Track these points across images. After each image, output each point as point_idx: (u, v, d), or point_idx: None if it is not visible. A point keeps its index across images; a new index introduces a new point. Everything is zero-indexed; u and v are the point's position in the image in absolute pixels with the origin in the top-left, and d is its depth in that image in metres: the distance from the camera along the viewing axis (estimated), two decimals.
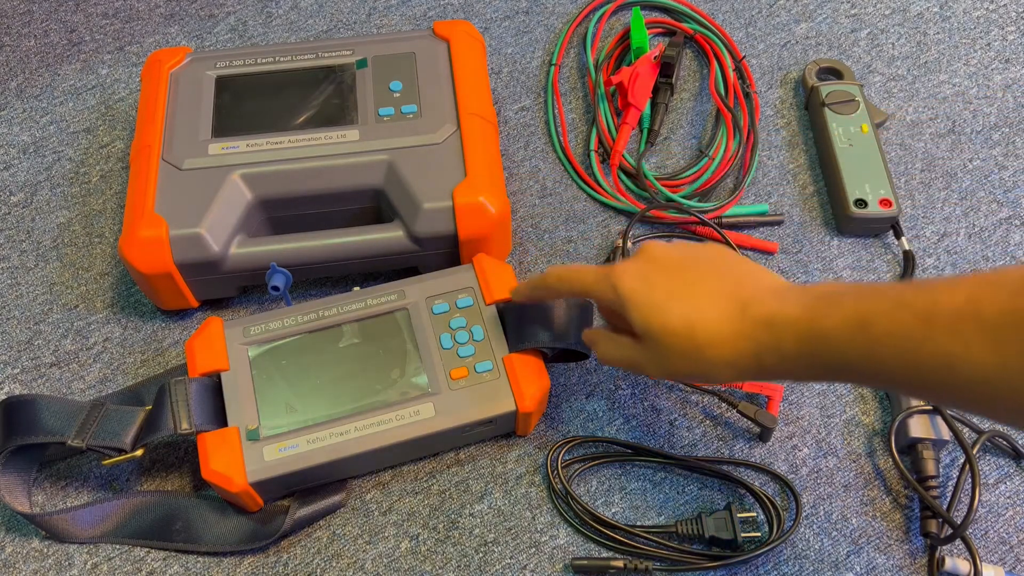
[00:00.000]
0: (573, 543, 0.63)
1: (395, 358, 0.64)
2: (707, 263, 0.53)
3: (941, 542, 0.61)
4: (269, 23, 0.92)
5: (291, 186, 0.69)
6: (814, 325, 0.45)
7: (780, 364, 0.48)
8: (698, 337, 0.50)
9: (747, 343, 0.48)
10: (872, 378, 0.46)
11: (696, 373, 0.52)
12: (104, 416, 0.61)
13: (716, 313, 0.49)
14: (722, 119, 0.82)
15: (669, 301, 0.51)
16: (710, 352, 0.50)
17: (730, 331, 0.49)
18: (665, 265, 0.53)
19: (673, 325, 0.50)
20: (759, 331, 0.48)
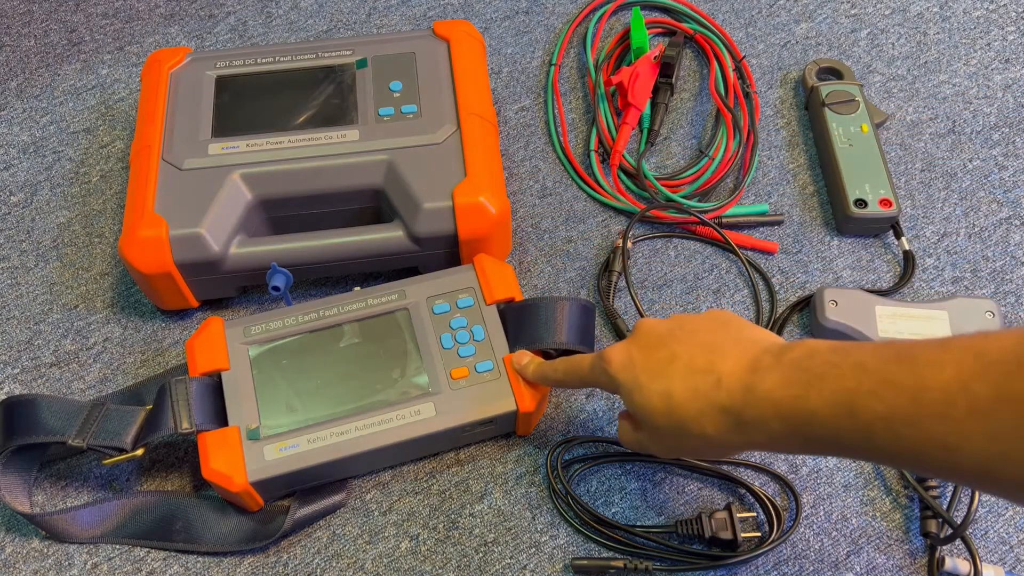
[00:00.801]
0: (573, 543, 0.63)
1: (395, 358, 0.64)
2: (690, 335, 0.51)
3: (941, 542, 0.61)
4: (269, 23, 0.92)
5: (291, 186, 0.69)
6: (798, 405, 0.43)
7: (770, 440, 0.46)
8: (676, 414, 0.48)
9: (728, 419, 0.46)
10: (870, 458, 0.44)
11: (690, 450, 0.51)
12: (104, 416, 0.61)
13: (690, 389, 0.48)
14: (722, 119, 0.82)
15: (649, 380, 0.50)
16: (694, 428, 0.48)
17: (708, 406, 0.47)
18: (648, 342, 0.52)
19: (654, 404, 0.49)
20: (738, 407, 0.46)
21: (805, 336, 0.71)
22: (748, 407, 0.45)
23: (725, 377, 0.47)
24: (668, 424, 0.49)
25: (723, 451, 0.50)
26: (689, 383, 0.48)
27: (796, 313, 0.72)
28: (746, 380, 0.46)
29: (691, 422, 0.48)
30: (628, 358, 0.52)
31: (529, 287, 0.74)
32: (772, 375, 0.45)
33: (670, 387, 0.49)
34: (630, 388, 0.51)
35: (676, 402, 0.48)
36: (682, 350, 0.50)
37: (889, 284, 0.74)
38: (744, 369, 0.46)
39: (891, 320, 0.68)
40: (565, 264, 0.76)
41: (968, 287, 0.73)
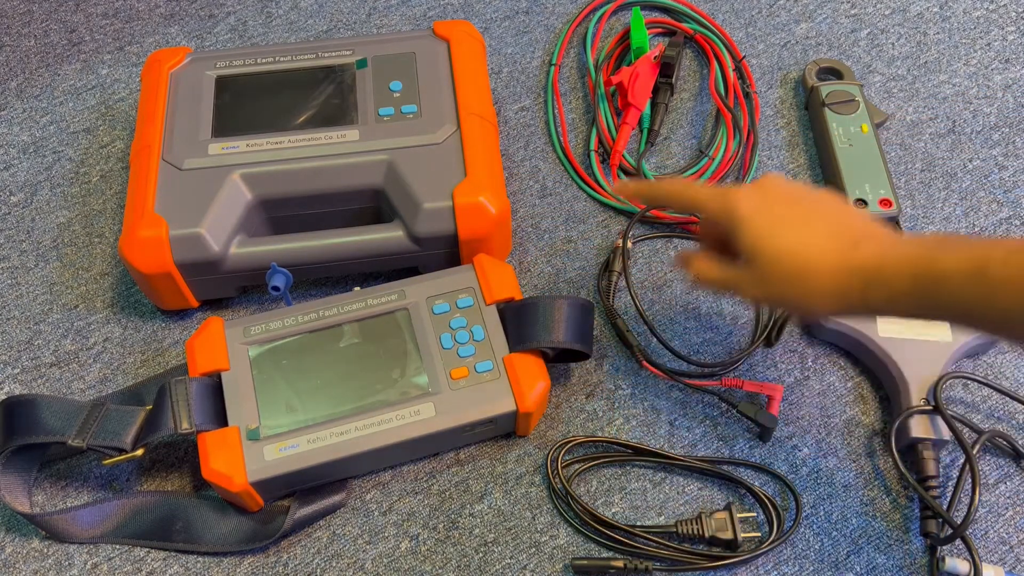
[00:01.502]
0: (573, 543, 0.63)
1: (395, 358, 0.64)
2: (824, 202, 0.55)
3: (941, 542, 0.61)
4: (269, 23, 0.92)
5: (291, 186, 0.69)
6: (932, 265, 0.46)
7: (888, 301, 0.49)
8: (807, 264, 0.51)
9: (853, 278, 0.50)
10: (987, 321, 0.46)
11: (795, 299, 0.53)
12: (104, 416, 0.61)
13: (828, 244, 0.51)
14: (722, 119, 0.82)
15: (783, 227, 0.53)
16: (815, 280, 0.51)
17: (839, 263, 0.51)
18: (783, 195, 0.55)
19: (783, 249, 0.52)
20: (869, 266, 0.49)
21: (805, 336, 0.71)
22: (882, 268, 0.49)
23: (863, 243, 0.51)
24: (789, 270, 0.52)
25: (826, 306, 0.52)
26: (826, 242, 0.52)
27: None
28: (884, 246, 0.50)
29: (817, 275, 0.51)
30: (762, 204, 0.54)
31: (529, 287, 0.74)
32: (909, 244, 0.49)
33: (806, 240, 0.52)
34: (760, 229, 0.53)
35: (812, 254, 0.51)
36: (821, 211, 0.54)
37: None
38: (882, 235, 0.51)
39: (891, 320, 0.68)
40: (565, 264, 0.76)
41: None
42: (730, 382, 0.67)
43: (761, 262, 0.53)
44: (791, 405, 0.68)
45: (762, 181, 0.56)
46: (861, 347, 0.68)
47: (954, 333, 0.67)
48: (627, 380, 0.70)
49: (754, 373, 0.70)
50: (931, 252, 0.47)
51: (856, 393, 0.69)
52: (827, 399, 0.69)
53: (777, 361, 0.70)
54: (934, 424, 0.63)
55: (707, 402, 0.69)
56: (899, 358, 0.66)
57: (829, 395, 0.69)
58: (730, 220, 0.55)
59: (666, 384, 0.70)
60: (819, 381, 0.69)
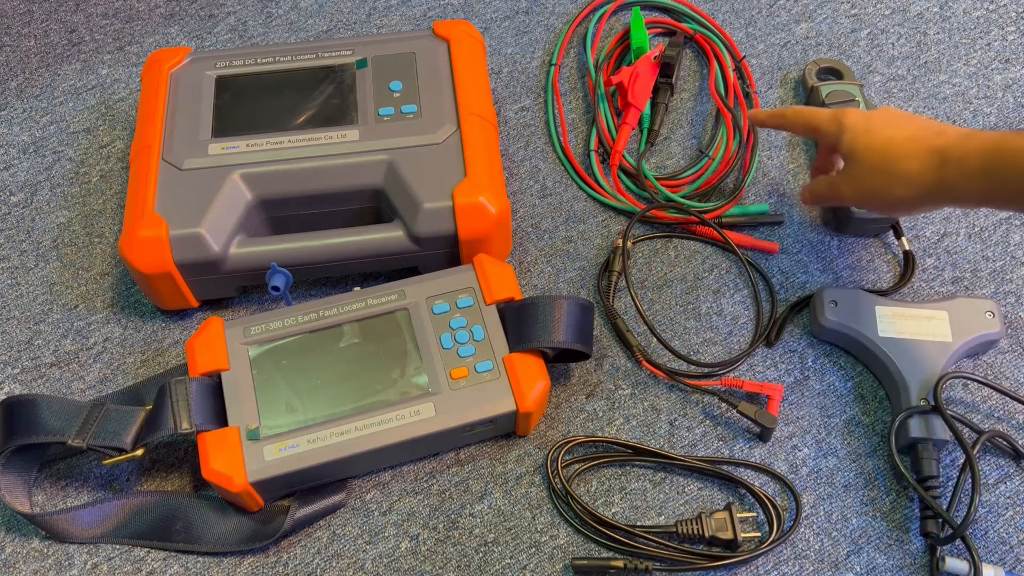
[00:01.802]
0: (573, 543, 0.63)
1: (395, 358, 0.64)
2: (915, 116, 0.63)
3: (941, 542, 0.61)
4: (269, 23, 0.92)
5: (291, 186, 0.69)
6: (1003, 143, 0.53)
7: (961, 177, 0.56)
8: (893, 151, 0.60)
9: (935, 157, 0.57)
10: None
11: (883, 187, 0.61)
12: (104, 416, 0.61)
13: (912, 134, 0.60)
14: (722, 119, 0.82)
15: (877, 128, 0.62)
16: (899, 165, 0.59)
17: (923, 147, 0.58)
18: (888, 111, 0.64)
19: (875, 143, 0.61)
20: (951, 144, 0.57)
21: (805, 336, 0.71)
22: (959, 144, 0.56)
23: (948, 130, 0.59)
24: (879, 160, 0.61)
25: (910, 193, 0.59)
26: (915, 133, 0.60)
27: (796, 313, 0.72)
28: (964, 132, 0.57)
29: (902, 159, 0.59)
30: (865, 116, 0.64)
31: (529, 287, 0.74)
32: (987, 133, 0.56)
33: (895, 134, 0.61)
34: (859, 132, 0.63)
35: (896, 142, 0.60)
36: (911, 117, 0.63)
37: (889, 284, 0.74)
38: (968, 130, 0.58)
39: (891, 320, 0.68)
40: (565, 264, 0.76)
41: (968, 287, 0.73)
42: (730, 382, 0.67)
43: (856, 157, 0.63)
44: (791, 405, 0.68)
45: (876, 109, 0.65)
46: (861, 347, 0.68)
47: (954, 333, 0.67)
48: (627, 380, 0.70)
49: (754, 373, 0.70)
50: (1003, 135, 0.54)
51: (856, 393, 0.69)
52: (827, 399, 0.69)
53: (777, 361, 0.70)
54: (934, 424, 0.63)
55: (707, 402, 0.69)
56: (899, 358, 0.66)
57: (829, 395, 0.69)
58: (839, 130, 0.64)
59: (666, 384, 0.70)
60: (819, 381, 0.69)
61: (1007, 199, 0.55)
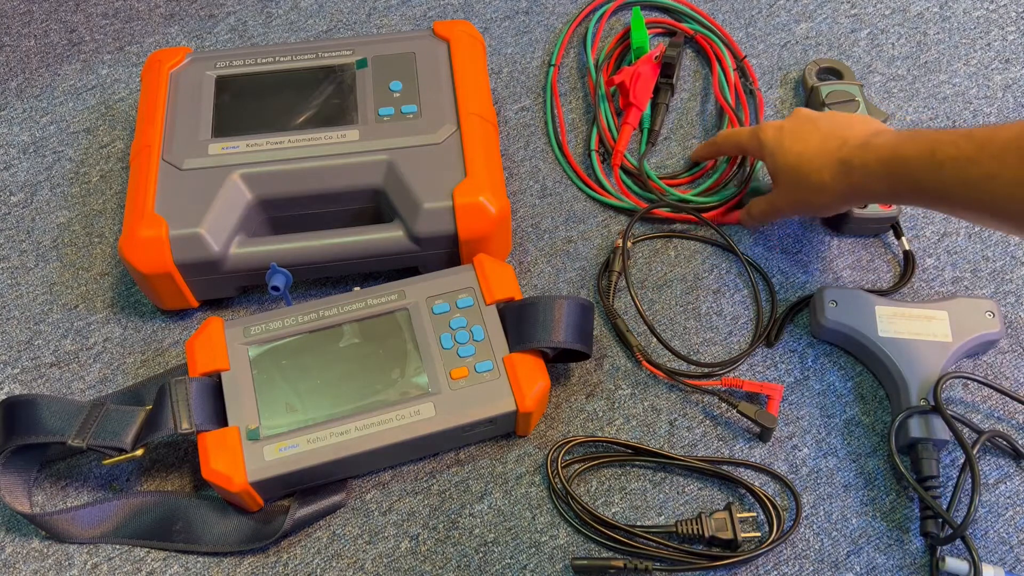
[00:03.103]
0: (573, 543, 0.63)
1: (395, 358, 0.64)
2: (827, 117, 0.67)
3: (941, 542, 0.61)
4: (269, 23, 0.92)
5: (291, 186, 0.69)
6: (896, 151, 0.59)
7: (867, 181, 0.61)
8: (804, 166, 0.64)
9: (841, 167, 0.62)
10: (934, 195, 0.57)
11: (807, 196, 0.66)
12: (104, 416, 0.61)
13: (821, 147, 0.64)
14: (725, 117, 0.82)
15: (791, 143, 0.66)
16: (815, 176, 0.64)
17: (830, 158, 0.63)
18: (798, 120, 0.67)
19: (789, 159, 0.66)
20: (853, 154, 0.61)
21: (805, 336, 0.71)
22: (860, 155, 0.61)
23: (850, 139, 0.63)
24: (796, 175, 0.65)
25: (828, 199, 0.65)
26: (821, 145, 0.64)
27: (796, 313, 0.72)
28: (865, 140, 0.62)
29: (814, 172, 0.64)
30: (779, 128, 0.68)
31: (529, 287, 0.74)
32: (885, 136, 0.61)
33: (806, 148, 0.65)
34: (773, 149, 0.67)
35: (806, 157, 0.65)
36: (823, 124, 0.66)
37: (889, 284, 0.74)
38: (867, 134, 0.62)
39: (891, 320, 0.68)
40: (565, 264, 0.76)
41: (968, 287, 0.73)
42: (730, 382, 0.67)
43: (780, 174, 0.67)
44: (791, 405, 0.68)
45: (792, 114, 0.69)
46: (861, 347, 0.68)
47: (954, 333, 0.67)
48: (627, 380, 0.70)
49: (754, 373, 0.70)
50: (898, 141, 0.59)
51: (856, 393, 0.69)
52: (827, 399, 0.69)
53: (777, 361, 0.70)
54: (934, 424, 0.63)
55: (707, 402, 0.69)
56: (899, 358, 0.66)
57: (829, 395, 0.69)
58: (760, 149, 0.69)
59: (666, 384, 0.70)
60: (819, 381, 0.69)
61: (910, 199, 0.60)
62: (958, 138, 0.55)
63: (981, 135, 0.54)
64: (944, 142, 0.55)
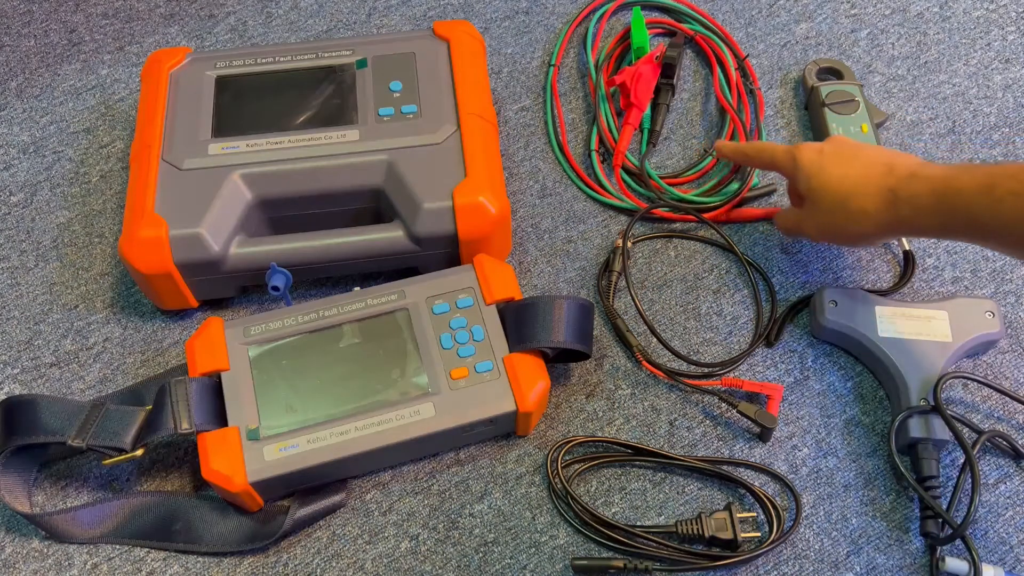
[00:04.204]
0: (573, 543, 0.63)
1: (395, 358, 0.64)
2: (868, 147, 0.64)
3: (941, 542, 0.61)
4: (269, 23, 0.92)
5: (291, 186, 0.69)
6: (950, 182, 0.55)
7: (914, 214, 0.58)
8: (848, 189, 0.61)
9: (887, 195, 0.59)
10: (991, 233, 0.54)
11: (843, 223, 0.62)
12: (104, 416, 0.61)
13: (865, 172, 0.61)
14: (728, 117, 0.82)
15: (830, 165, 0.63)
16: (856, 202, 0.61)
17: (875, 186, 0.60)
18: (839, 145, 0.65)
19: (829, 182, 0.62)
20: (901, 184, 0.58)
21: (805, 336, 0.71)
22: (909, 185, 0.58)
23: (897, 167, 0.60)
24: (835, 199, 0.62)
25: (868, 229, 0.61)
26: (865, 171, 0.61)
27: (796, 313, 0.72)
28: (914, 169, 0.59)
29: (855, 197, 0.61)
30: (819, 152, 0.64)
31: (529, 287, 0.74)
32: (936, 168, 0.58)
33: (849, 172, 0.62)
34: (813, 171, 0.63)
35: (850, 182, 0.61)
36: (866, 150, 0.63)
37: (889, 284, 0.74)
38: (915, 164, 0.60)
39: (891, 320, 0.68)
40: (565, 264, 0.76)
41: (968, 287, 0.73)
42: (730, 382, 0.67)
43: (814, 196, 0.64)
44: (791, 405, 0.68)
45: (829, 139, 0.66)
46: (861, 347, 0.68)
47: (954, 333, 0.67)
48: (627, 380, 0.70)
49: (754, 373, 0.70)
50: (952, 173, 0.56)
51: (856, 393, 0.69)
52: (827, 399, 0.69)
53: (777, 361, 0.70)
54: (934, 424, 0.63)
55: (707, 402, 0.69)
56: (899, 358, 0.66)
57: (829, 395, 0.69)
58: (794, 169, 0.65)
59: (666, 384, 0.70)
60: (819, 381, 0.69)
61: (961, 234, 0.57)
62: (1019, 171, 0.52)
63: None
64: (1004, 175, 0.53)
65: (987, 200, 0.53)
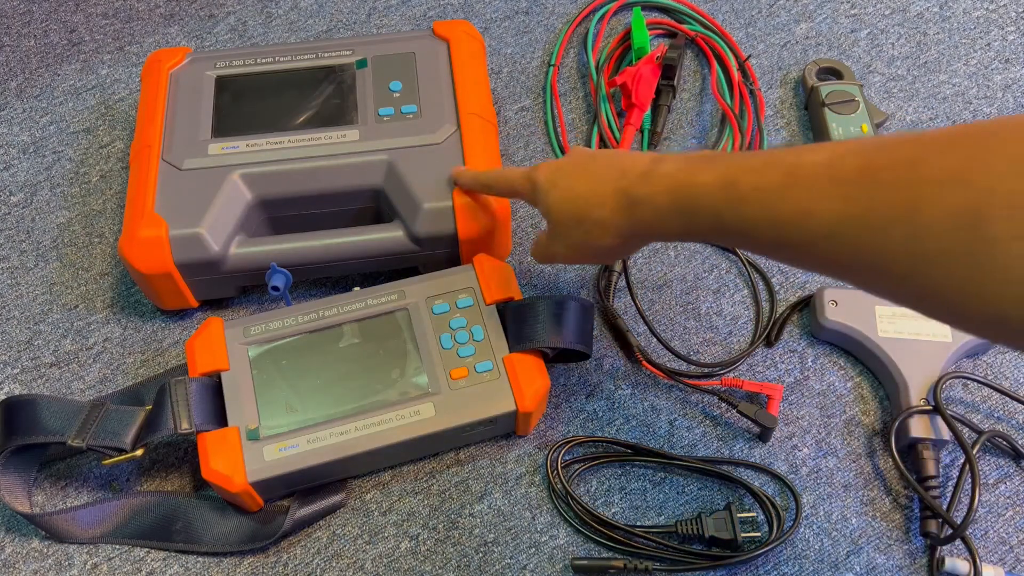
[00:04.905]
0: (573, 543, 0.63)
1: (395, 358, 0.64)
2: (604, 154, 0.57)
3: (941, 542, 0.61)
4: (269, 23, 0.92)
5: (291, 186, 0.69)
6: (687, 179, 0.48)
7: (655, 218, 0.51)
8: (577, 202, 0.55)
9: (622, 199, 0.52)
10: (737, 234, 0.47)
11: (584, 239, 0.56)
12: (104, 416, 0.61)
13: (597, 180, 0.54)
14: (726, 118, 0.82)
15: (563, 180, 0.57)
16: (592, 214, 0.54)
17: (608, 191, 0.53)
18: (574, 156, 0.58)
19: (564, 196, 0.57)
20: (634, 186, 0.51)
21: (805, 336, 0.71)
22: (642, 185, 0.51)
23: (628, 169, 0.53)
24: (572, 214, 0.56)
25: (610, 242, 0.55)
26: (598, 179, 0.54)
27: (796, 313, 0.72)
28: (646, 168, 0.51)
29: (590, 208, 0.54)
30: (555, 168, 0.59)
31: (529, 287, 0.74)
32: (671, 162, 0.51)
33: (581, 182, 0.56)
34: (546, 189, 0.58)
35: (579, 192, 0.55)
36: (602, 158, 0.56)
37: None
38: (648, 161, 0.52)
39: (891, 320, 0.68)
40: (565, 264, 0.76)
41: None
42: (730, 382, 0.67)
43: (552, 215, 0.58)
44: (791, 405, 0.68)
45: (567, 154, 0.60)
46: (861, 347, 0.68)
47: (954, 333, 0.67)
48: (627, 380, 0.70)
49: (754, 373, 0.70)
50: (690, 167, 0.49)
51: (856, 393, 0.69)
52: (827, 399, 0.69)
53: (777, 361, 0.70)
54: (934, 424, 0.63)
55: (707, 402, 0.69)
56: (899, 358, 0.66)
57: (829, 395, 0.69)
58: (533, 191, 0.60)
59: (666, 384, 0.70)
60: (819, 381, 0.69)
61: (712, 237, 0.52)
62: (760, 165, 0.45)
63: (787, 160, 0.43)
64: (744, 168, 0.45)
65: (729, 199, 0.46)
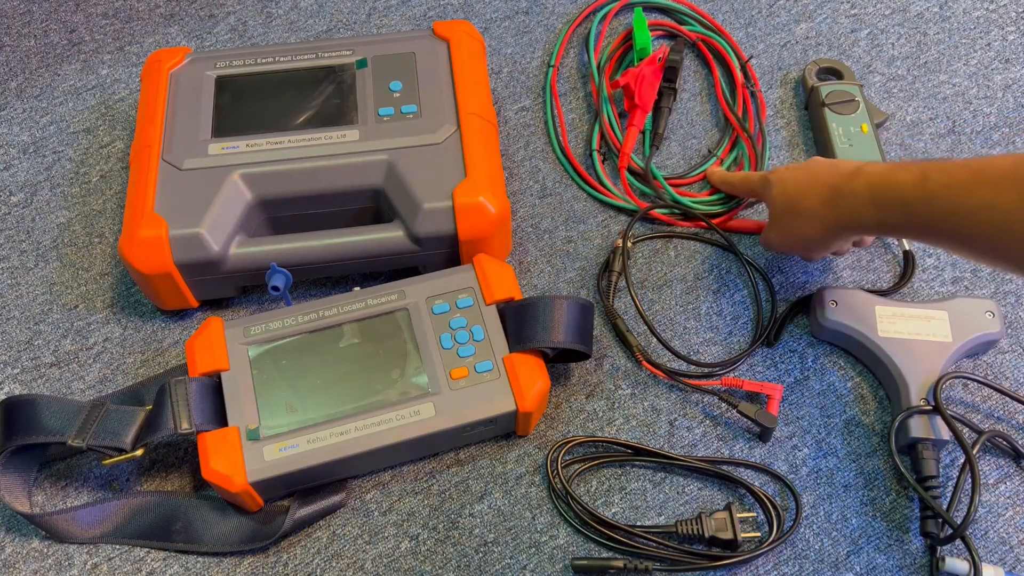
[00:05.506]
0: (573, 543, 0.63)
1: (395, 358, 0.64)
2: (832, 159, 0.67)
3: (941, 542, 0.61)
4: (269, 23, 0.92)
5: (291, 186, 0.69)
6: (887, 177, 0.57)
7: (854, 210, 0.59)
8: (796, 192, 0.64)
9: (831, 193, 0.61)
10: (923, 225, 0.56)
11: (793, 226, 0.65)
12: (104, 416, 0.61)
13: (814, 174, 0.64)
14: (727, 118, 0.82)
15: (789, 174, 0.66)
16: (803, 204, 0.63)
17: (820, 185, 0.62)
18: (808, 162, 0.67)
19: (785, 188, 0.66)
20: (843, 181, 0.60)
21: (805, 336, 0.71)
22: (850, 181, 0.60)
23: (841, 169, 0.62)
24: (786, 202, 0.65)
25: (815, 231, 0.63)
26: (813, 175, 0.64)
27: (796, 313, 0.72)
28: (855, 168, 0.61)
29: (804, 198, 0.64)
30: (788, 167, 0.68)
31: (529, 287, 0.74)
32: (875, 166, 0.60)
33: (800, 175, 0.65)
34: (775, 183, 0.67)
35: (801, 184, 0.64)
36: (824, 162, 0.65)
37: (889, 284, 0.74)
38: (856, 165, 0.61)
39: (891, 320, 0.68)
40: (565, 264, 0.76)
41: (968, 287, 0.73)
42: (730, 382, 0.67)
43: (772, 205, 0.67)
44: (791, 405, 0.68)
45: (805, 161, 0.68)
46: (861, 347, 0.68)
47: (954, 333, 0.67)
48: (627, 380, 0.70)
49: (754, 373, 0.70)
50: (890, 168, 0.58)
51: (856, 393, 0.69)
52: (827, 399, 0.69)
53: (777, 361, 0.70)
54: (934, 424, 0.63)
55: (707, 402, 0.69)
56: (899, 358, 0.66)
57: (829, 395, 0.69)
58: (765, 188, 0.68)
59: (666, 384, 0.70)
60: (819, 381, 0.69)
61: (900, 230, 0.60)
62: (952, 166, 0.53)
63: (976, 164, 0.52)
64: (936, 169, 0.54)
65: (920, 193, 0.54)
